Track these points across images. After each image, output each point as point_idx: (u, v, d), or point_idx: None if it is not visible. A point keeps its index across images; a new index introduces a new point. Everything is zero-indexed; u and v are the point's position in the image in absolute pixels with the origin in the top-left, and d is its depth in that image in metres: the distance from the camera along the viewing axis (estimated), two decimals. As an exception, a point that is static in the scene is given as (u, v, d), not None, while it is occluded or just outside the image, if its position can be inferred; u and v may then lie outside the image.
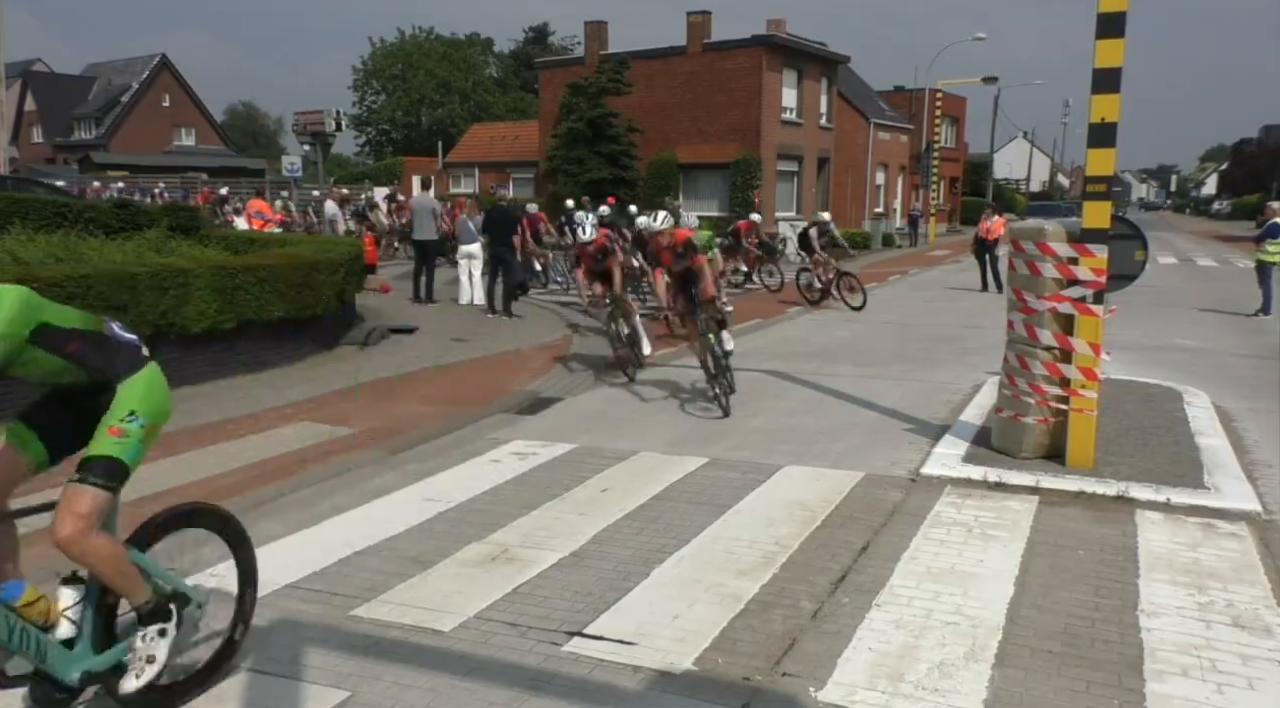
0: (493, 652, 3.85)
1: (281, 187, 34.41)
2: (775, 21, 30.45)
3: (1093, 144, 6.02)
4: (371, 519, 5.45)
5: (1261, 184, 59.48)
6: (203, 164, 48.35)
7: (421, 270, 15.63)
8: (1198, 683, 3.58)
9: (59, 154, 56.81)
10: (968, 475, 6.18)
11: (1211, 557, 4.85)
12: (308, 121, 17.06)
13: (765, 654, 3.81)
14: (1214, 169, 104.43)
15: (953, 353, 11.33)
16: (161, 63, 60.28)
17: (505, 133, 42.87)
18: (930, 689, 3.52)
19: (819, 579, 4.58)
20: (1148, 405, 8.09)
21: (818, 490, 5.94)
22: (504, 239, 14.20)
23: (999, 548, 4.97)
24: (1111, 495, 5.77)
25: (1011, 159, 78.45)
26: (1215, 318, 14.80)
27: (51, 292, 7.36)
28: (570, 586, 4.50)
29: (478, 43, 71.17)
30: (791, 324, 14.18)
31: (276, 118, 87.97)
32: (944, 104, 39.73)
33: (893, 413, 8.10)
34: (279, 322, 9.75)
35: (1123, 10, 5.84)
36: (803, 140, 31.91)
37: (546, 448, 7.01)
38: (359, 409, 8.09)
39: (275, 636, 3.99)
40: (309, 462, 6.52)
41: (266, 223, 18.01)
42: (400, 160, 51.17)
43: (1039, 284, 6.29)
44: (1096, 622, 4.11)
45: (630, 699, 3.49)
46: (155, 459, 6.46)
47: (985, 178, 54.48)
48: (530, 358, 10.87)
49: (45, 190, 15.69)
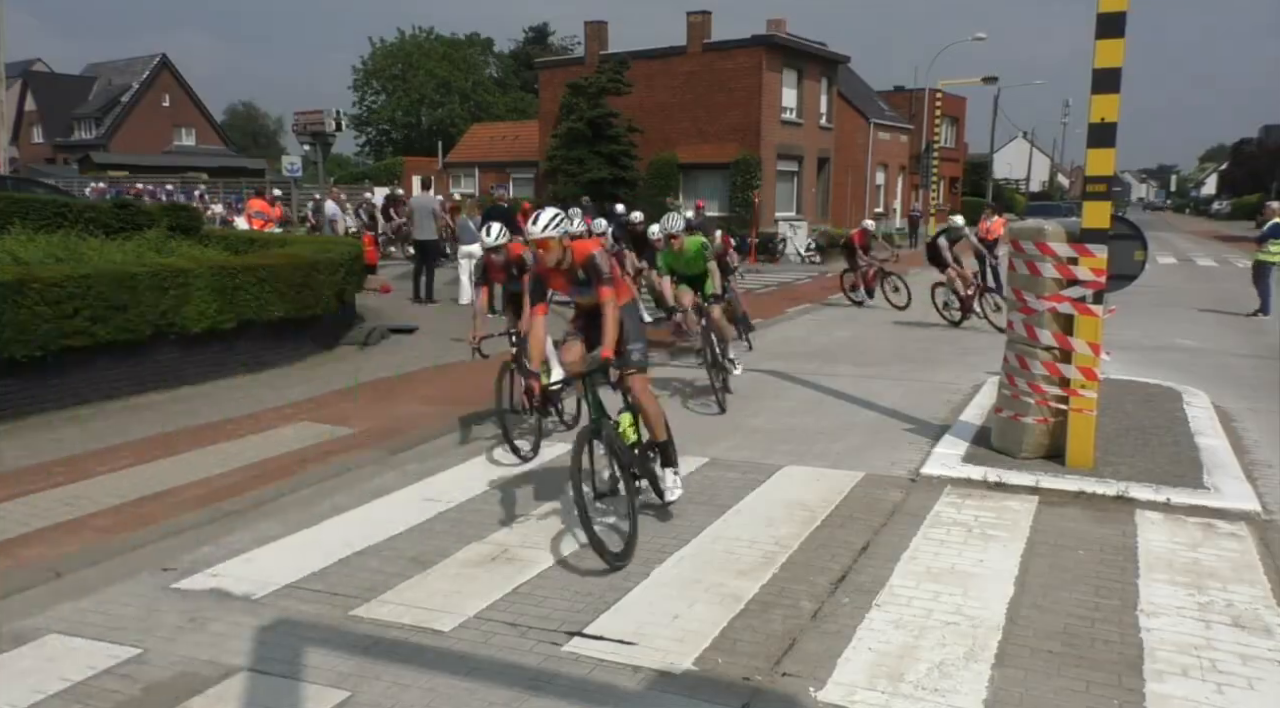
0: (493, 652, 3.85)
1: (279, 185, 34.48)
2: (775, 21, 30.48)
3: (1093, 144, 6.02)
4: (371, 519, 5.45)
5: (1261, 184, 59.47)
6: (203, 164, 48.39)
7: (422, 270, 15.63)
8: (1197, 683, 3.58)
9: (59, 154, 56.82)
10: (968, 475, 6.18)
11: (1211, 557, 4.85)
12: (308, 122, 17.03)
13: (765, 654, 3.82)
14: (1214, 169, 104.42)
15: (953, 353, 11.34)
16: (161, 63, 60.29)
17: (505, 133, 42.87)
18: (930, 689, 3.52)
19: (819, 579, 4.58)
20: (1148, 405, 8.09)
21: (818, 490, 5.94)
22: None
23: (999, 548, 4.97)
24: (1111, 495, 5.77)
25: (1011, 159, 78.44)
26: (1215, 318, 14.80)
27: (51, 292, 7.37)
28: (570, 586, 4.50)
29: (478, 43, 71.17)
30: (791, 324, 14.18)
31: (276, 118, 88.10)
32: (944, 104, 39.72)
33: (893, 413, 8.10)
34: (279, 322, 9.74)
35: (1123, 10, 5.84)
36: (803, 140, 31.92)
37: (547, 447, 7.01)
38: (359, 409, 8.09)
39: (275, 636, 3.99)
40: (309, 462, 6.51)
41: (266, 223, 18.01)
42: (400, 160, 51.16)
43: (1039, 284, 6.29)
44: (1096, 622, 4.11)
45: (630, 699, 3.49)
46: (155, 459, 6.46)
47: (985, 178, 54.47)
48: (530, 358, 10.86)
49: (45, 190, 15.67)
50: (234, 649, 3.86)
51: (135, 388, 8.29)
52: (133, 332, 8.13)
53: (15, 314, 7.14)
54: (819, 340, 12.45)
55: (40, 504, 5.49)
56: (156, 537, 5.08)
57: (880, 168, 39.72)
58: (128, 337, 8.11)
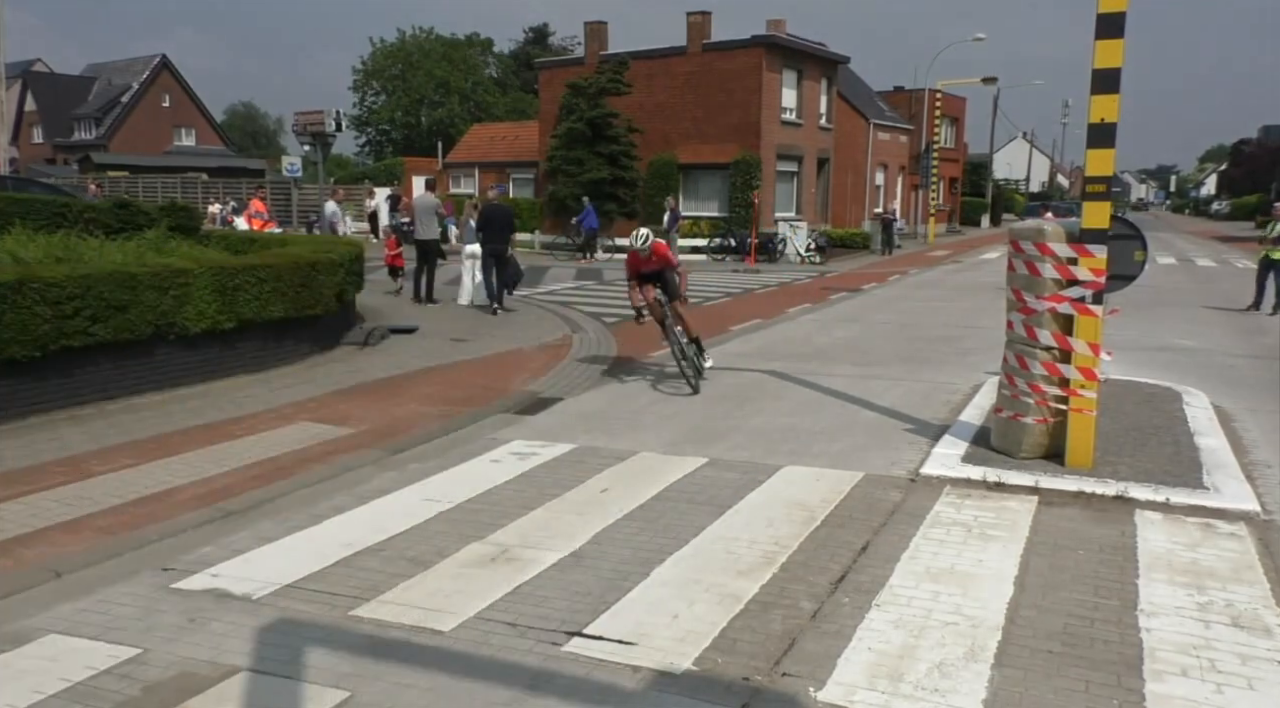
0: (492, 652, 3.85)
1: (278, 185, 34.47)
2: (775, 22, 30.48)
3: (1092, 144, 6.02)
4: (371, 519, 5.45)
5: (1261, 184, 59.46)
6: (203, 164, 48.34)
7: (422, 270, 15.64)
8: (1197, 683, 3.58)
9: (59, 154, 56.83)
10: (967, 476, 6.18)
11: (1211, 557, 4.85)
12: (308, 122, 17.05)
13: (765, 654, 3.82)
14: (1213, 169, 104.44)
15: (952, 353, 11.34)
16: (161, 63, 60.30)
17: (505, 133, 42.83)
18: (930, 689, 3.53)
19: (819, 579, 4.58)
20: (1147, 405, 8.09)
21: (817, 491, 5.95)
22: (499, 236, 14.58)
23: (998, 548, 4.98)
24: (1111, 495, 5.78)
25: (1011, 159, 78.53)
26: (1215, 318, 14.80)
27: (51, 292, 7.38)
28: (570, 586, 4.50)
29: (477, 43, 71.15)
30: (792, 324, 14.18)
31: (276, 118, 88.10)
32: (943, 104, 39.74)
33: (892, 413, 8.11)
34: (279, 322, 9.75)
35: (1122, 10, 5.85)
36: (802, 140, 31.91)
37: (546, 448, 7.01)
38: (359, 409, 8.09)
39: (275, 636, 3.99)
40: (309, 462, 6.52)
41: (267, 223, 18.01)
42: (400, 161, 51.14)
43: (1038, 284, 6.29)
44: (1096, 622, 4.12)
45: (630, 699, 3.49)
46: (155, 459, 6.47)
47: (985, 178, 54.47)
48: (530, 358, 10.87)
49: (45, 190, 15.68)
50: (234, 649, 3.86)
51: (135, 388, 8.29)
52: (133, 332, 8.14)
53: (15, 314, 7.14)
54: (819, 341, 12.45)
55: (40, 504, 5.49)
56: (156, 537, 5.08)
57: (880, 168, 39.71)
58: (128, 337, 8.11)
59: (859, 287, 19.92)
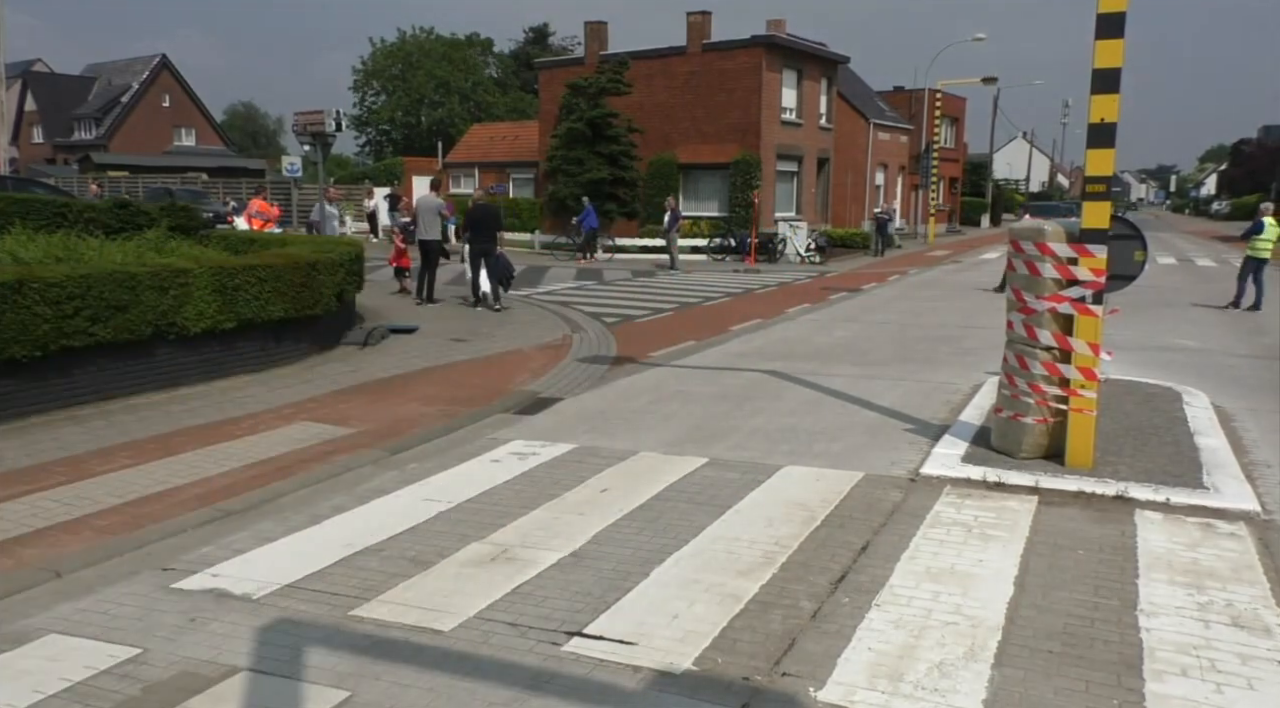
0: (492, 652, 3.85)
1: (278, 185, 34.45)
2: (775, 22, 30.48)
3: (1092, 144, 6.02)
4: (371, 519, 5.45)
5: (1261, 184, 59.45)
6: (203, 164, 48.38)
7: (423, 271, 15.64)
8: (1197, 683, 3.58)
9: (59, 154, 56.84)
10: (967, 475, 6.18)
11: (1210, 557, 4.85)
12: (308, 122, 17.02)
13: (765, 654, 3.82)
14: (1213, 169, 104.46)
15: (952, 353, 11.34)
16: (161, 63, 60.30)
17: (505, 133, 42.84)
18: (930, 689, 3.53)
19: (819, 579, 4.58)
20: (1147, 405, 8.09)
21: (817, 490, 5.95)
22: (488, 235, 14.93)
23: (998, 548, 4.98)
24: (1111, 495, 5.78)
25: (1011, 159, 78.52)
26: (1215, 318, 14.80)
27: (51, 292, 7.38)
28: (570, 586, 4.50)
29: (478, 43, 71.16)
30: (792, 324, 14.18)
31: (276, 118, 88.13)
32: (943, 104, 39.73)
33: (892, 413, 8.11)
34: (279, 322, 9.74)
35: (1122, 10, 5.85)
36: (802, 140, 31.92)
37: (546, 448, 7.01)
38: (359, 409, 8.09)
39: (275, 636, 3.99)
40: (309, 462, 6.52)
41: (267, 223, 18.00)
42: (400, 161, 51.16)
43: (1038, 284, 6.29)
44: (1096, 622, 4.12)
45: (630, 699, 3.49)
46: (155, 459, 6.47)
47: (985, 178, 54.47)
48: (530, 358, 10.87)
49: (45, 190, 15.68)
50: (234, 649, 3.86)
51: (135, 388, 8.29)
52: (133, 332, 8.14)
53: (15, 314, 7.14)
54: (819, 340, 12.45)
55: (40, 504, 5.49)
56: (156, 537, 5.08)
57: (880, 168, 39.71)
58: (128, 337, 8.11)
59: (859, 287, 19.93)
